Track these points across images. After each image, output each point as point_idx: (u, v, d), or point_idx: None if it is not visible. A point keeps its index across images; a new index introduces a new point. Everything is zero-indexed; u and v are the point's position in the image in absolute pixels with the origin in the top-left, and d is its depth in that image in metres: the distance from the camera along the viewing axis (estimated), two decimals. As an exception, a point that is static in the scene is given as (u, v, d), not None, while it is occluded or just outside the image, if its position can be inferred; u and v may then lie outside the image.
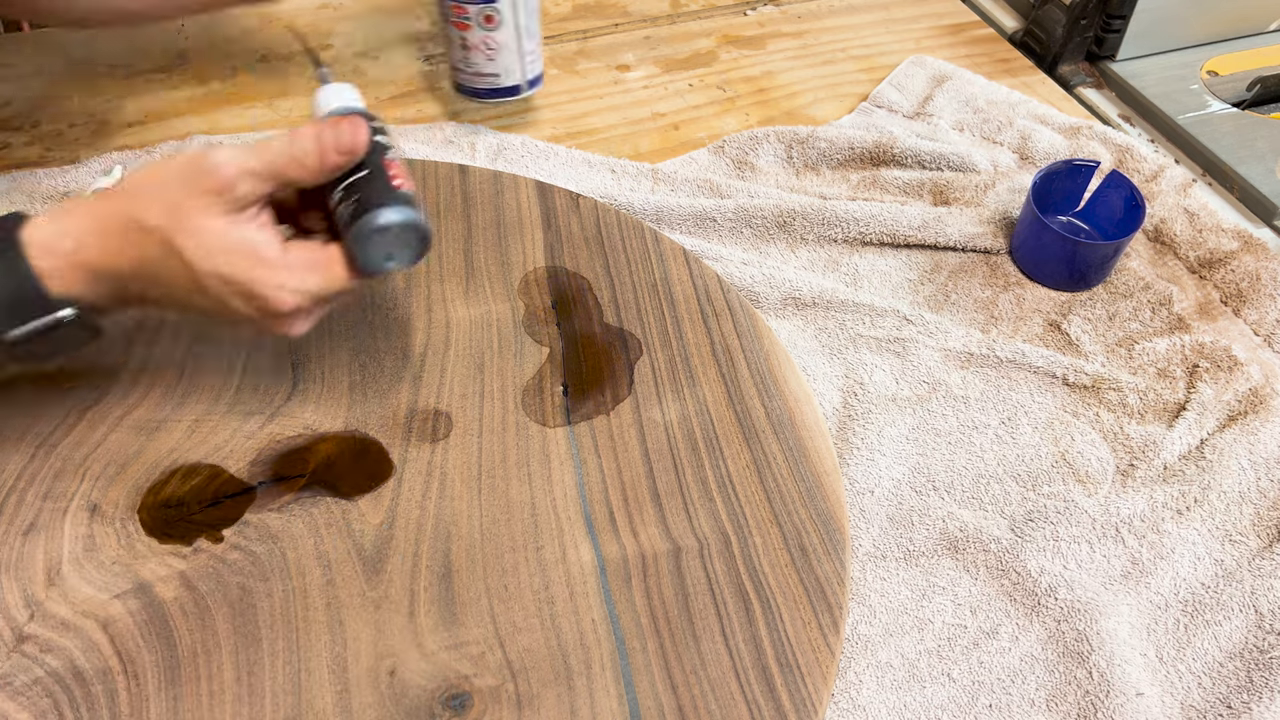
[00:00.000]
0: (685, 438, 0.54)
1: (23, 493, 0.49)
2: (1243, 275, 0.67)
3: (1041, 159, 0.77)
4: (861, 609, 0.50)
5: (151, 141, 0.73)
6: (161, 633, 0.44)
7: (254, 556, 0.47)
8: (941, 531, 0.53)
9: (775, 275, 0.65)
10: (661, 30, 0.91)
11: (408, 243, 0.47)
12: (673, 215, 0.69)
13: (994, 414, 0.59)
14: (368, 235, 0.45)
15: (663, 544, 0.49)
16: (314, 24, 0.88)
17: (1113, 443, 0.58)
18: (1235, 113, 0.83)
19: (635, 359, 0.58)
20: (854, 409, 0.59)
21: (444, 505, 0.50)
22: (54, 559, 0.46)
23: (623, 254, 0.64)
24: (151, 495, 0.49)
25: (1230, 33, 0.92)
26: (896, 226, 0.69)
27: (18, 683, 0.42)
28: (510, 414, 0.54)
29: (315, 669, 0.44)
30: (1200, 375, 0.61)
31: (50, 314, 0.43)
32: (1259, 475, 0.56)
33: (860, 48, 0.91)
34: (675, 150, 0.78)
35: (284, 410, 0.53)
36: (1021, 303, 0.66)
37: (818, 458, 0.53)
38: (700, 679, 0.44)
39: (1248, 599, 0.51)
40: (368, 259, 0.46)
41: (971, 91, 0.83)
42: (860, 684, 0.47)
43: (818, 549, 0.49)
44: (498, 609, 0.46)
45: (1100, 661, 0.48)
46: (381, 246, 0.46)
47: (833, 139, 0.76)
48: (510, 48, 0.73)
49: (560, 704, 0.43)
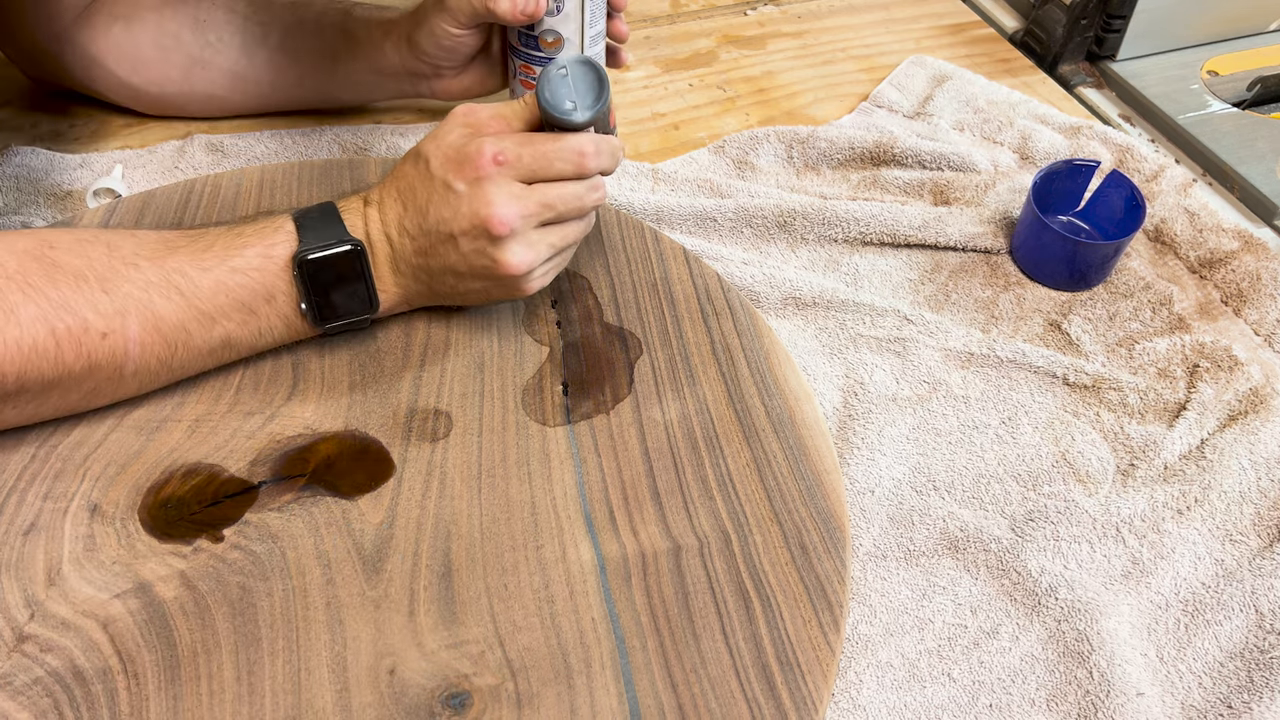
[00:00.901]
0: (685, 436, 0.54)
1: (23, 493, 0.49)
2: (1243, 275, 0.67)
3: (1042, 159, 0.77)
4: (862, 609, 0.50)
5: (151, 141, 0.73)
6: (161, 632, 0.44)
7: (254, 556, 0.47)
8: (942, 531, 0.53)
9: (775, 275, 0.65)
10: (661, 30, 0.91)
11: (588, 86, 0.51)
12: (673, 215, 0.69)
13: (994, 414, 0.59)
14: (547, 77, 0.51)
15: (663, 542, 0.49)
16: (314, 24, 0.87)
17: (1113, 442, 0.58)
18: (1236, 113, 0.83)
19: (635, 358, 0.58)
20: (854, 409, 0.59)
21: (444, 505, 0.50)
22: (54, 559, 0.46)
23: (623, 253, 0.64)
24: (152, 495, 0.49)
25: (1230, 33, 0.92)
26: (897, 226, 0.69)
27: (18, 682, 0.42)
28: (510, 413, 0.54)
29: (315, 668, 0.44)
30: (1201, 375, 0.61)
31: (340, 245, 0.51)
32: (1259, 475, 0.56)
33: (860, 48, 0.91)
34: (675, 150, 0.78)
35: (284, 410, 0.53)
36: (1022, 302, 0.66)
37: (818, 456, 0.53)
38: (700, 677, 0.44)
39: (1248, 599, 0.51)
40: (552, 102, 0.51)
41: (972, 91, 0.83)
42: (860, 684, 0.47)
43: (818, 547, 0.49)
44: (497, 608, 0.46)
45: (1101, 661, 0.48)
46: (563, 88, 0.51)
47: (833, 139, 0.76)
48: None
49: (560, 703, 0.43)
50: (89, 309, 0.46)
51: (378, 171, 0.68)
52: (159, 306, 0.48)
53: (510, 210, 0.50)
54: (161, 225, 0.62)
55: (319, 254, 0.50)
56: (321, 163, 0.68)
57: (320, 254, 0.50)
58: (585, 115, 0.51)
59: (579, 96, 0.51)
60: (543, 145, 0.51)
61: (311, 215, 0.52)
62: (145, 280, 0.48)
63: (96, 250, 0.48)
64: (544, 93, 0.51)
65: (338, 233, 0.51)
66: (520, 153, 0.50)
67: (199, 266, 0.49)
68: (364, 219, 0.53)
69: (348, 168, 0.68)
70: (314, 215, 0.52)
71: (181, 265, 0.49)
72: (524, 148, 0.50)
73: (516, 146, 0.50)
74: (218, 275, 0.49)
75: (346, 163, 0.68)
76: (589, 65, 0.51)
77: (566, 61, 0.51)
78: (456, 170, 0.50)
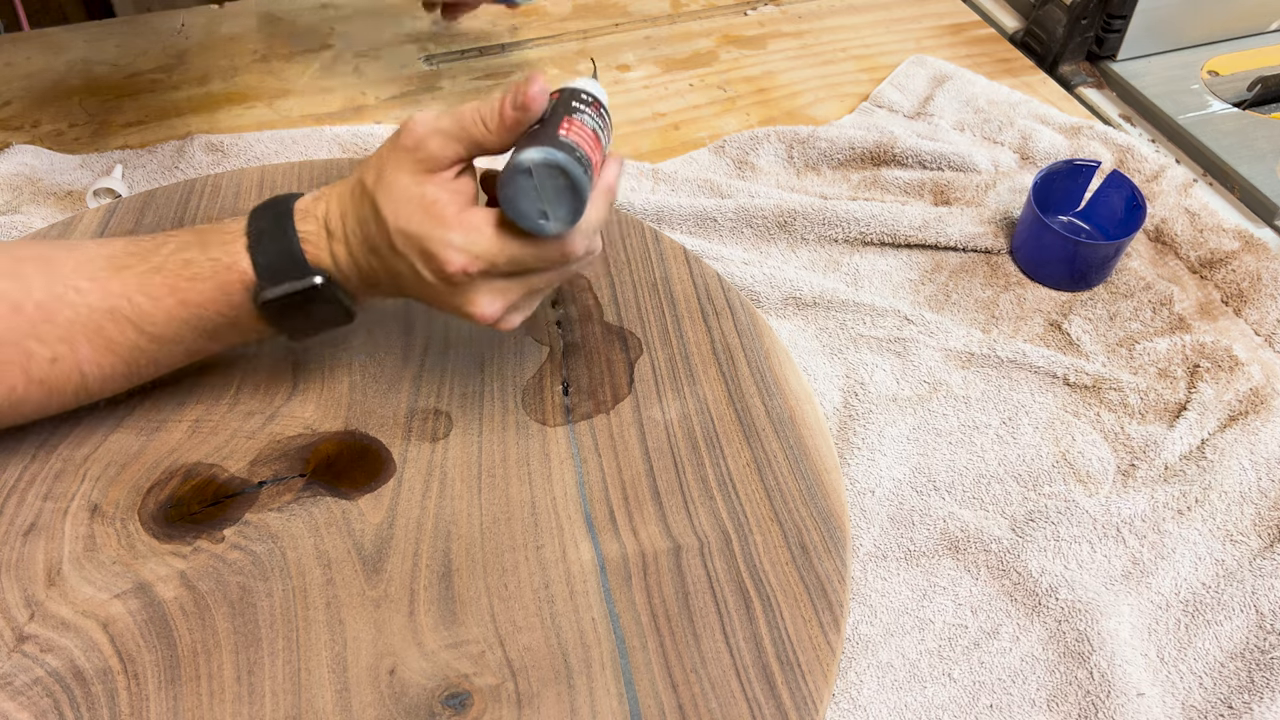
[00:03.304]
0: (685, 436, 0.54)
1: (23, 493, 0.49)
2: (1243, 275, 0.67)
3: (1042, 159, 0.77)
4: (862, 609, 0.50)
5: (151, 141, 0.73)
6: (161, 632, 0.44)
7: (254, 556, 0.47)
8: (942, 531, 0.53)
9: (776, 275, 0.65)
10: (662, 30, 0.91)
11: (558, 193, 0.42)
12: (673, 215, 0.69)
13: (995, 414, 0.59)
14: (509, 178, 0.42)
15: (663, 542, 0.49)
16: (314, 24, 0.88)
17: (1114, 443, 0.58)
18: (1236, 112, 0.83)
19: (635, 358, 0.58)
20: (855, 409, 0.59)
21: (444, 504, 0.50)
22: (54, 559, 0.46)
23: (623, 253, 0.64)
24: (152, 495, 0.49)
25: (1231, 32, 0.92)
26: (897, 226, 0.69)
27: (18, 682, 0.42)
28: (510, 413, 0.54)
29: (315, 668, 0.44)
30: (1201, 375, 0.61)
31: (304, 279, 0.46)
32: (1260, 475, 0.56)
33: (861, 48, 0.91)
34: (676, 150, 0.78)
35: (284, 410, 0.53)
36: (1022, 303, 0.66)
37: (818, 456, 0.53)
38: (700, 677, 0.44)
39: (1249, 599, 0.51)
40: (518, 211, 0.42)
41: (972, 91, 0.83)
42: (861, 684, 0.47)
43: (818, 547, 0.49)
44: (498, 608, 0.46)
45: (1101, 662, 0.48)
46: (528, 195, 0.42)
47: (833, 139, 0.76)
48: None
49: (560, 703, 0.43)
50: (30, 338, 0.44)
51: (378, 171, 0.67)
52: (109, 331, 0.45)
53: (494, 308, 0.45)
54: (161, 225, 0.62)
55: (281, 291, 0.45)
56: (321, 163, 0.68)
57: (282, 291, 0.46)
58: (561, 228, 0.43)
59: (551, 205, 0.43)
60: (519, 251, 0.44)
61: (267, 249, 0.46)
62: (89, 305, 0.45)
63: (31, 270, 0.44)
64: (510, 201, 0.43)
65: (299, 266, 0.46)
66: (495, 261, 0.44)
67: (147, 294, 0.45)
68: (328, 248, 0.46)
69: (348, 168, 0.68)
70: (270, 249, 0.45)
71: (128, 290, 0.45)
72: (498, 255, 0.44)
73: (488, 254, 0.44)
74: (168, 307, 0.46)
75: (347, 163, 0.68)
76: (557, 170, 0.42)
77: (532, 163, 0.41)
78: (423, 260, 0.44)
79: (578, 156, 0.43)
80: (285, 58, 0.84)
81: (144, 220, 0.62)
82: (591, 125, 0.46)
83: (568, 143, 0.43)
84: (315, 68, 0.83)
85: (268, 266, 0.45)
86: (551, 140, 0.43)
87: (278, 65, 0.83)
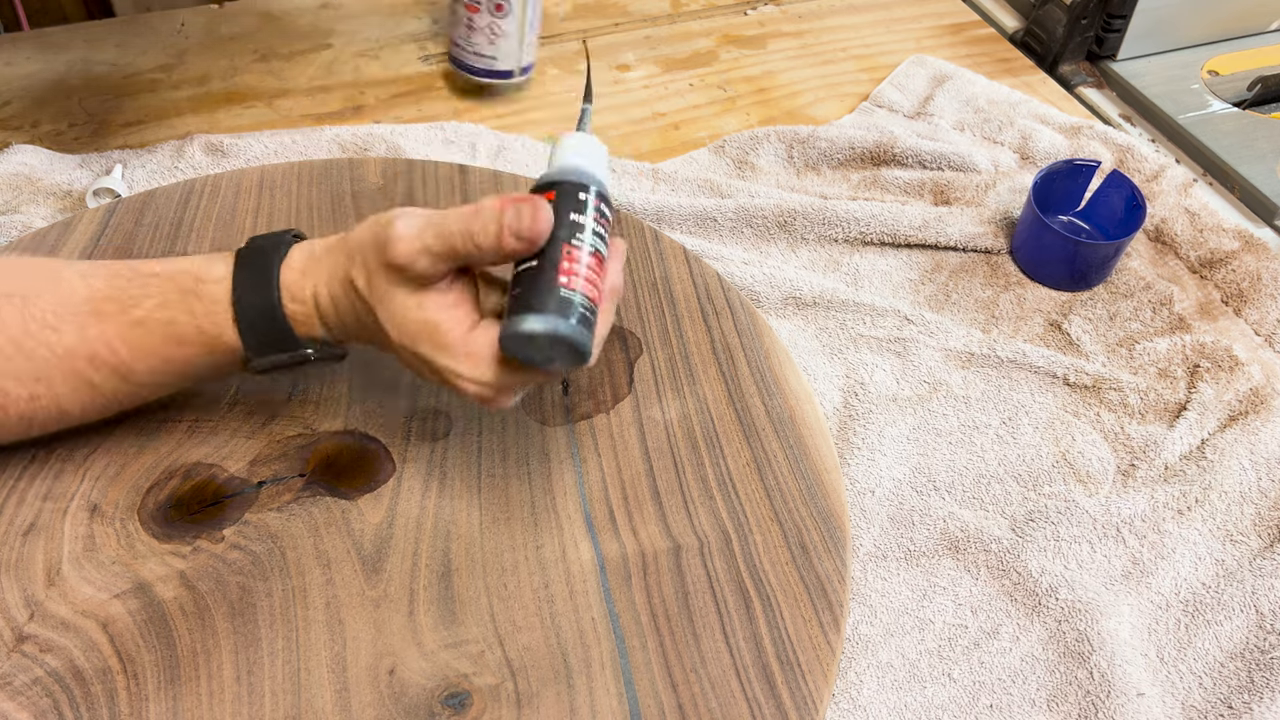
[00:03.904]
0: (685, 436, 0.54)
1: (23, 493, 0.49)
2: (1243, 275, 0.67)
3: (1042, 159, 0.77)
4: (862, 609, 0.50)
5: (151, 141, 0.73)
6: (161, 632, 0.44)
7: (254, 556, 0.47)
8: (942, 531, 0.53)
9: (776, 275, 0.65)
10: (661, 30, 0.91)
11: (564, 352, 0.42)
12: (673, 215, 0.69)
13: (995, 414, 0.59)
14: (511, 338, 0.41)
15: (663, 542, 0.49)
16: (314, 24, 0.88)
17: (1113, 443, 0.58)
18: (1236, 112, 0.83)
19: (635, 358, 0.58)
20: (855, 409, 0.59)
21: (443, 504, 0.50)
22: (54, 559, 0.46)
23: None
24: (151, 495, 0.49)
25: (1231, 32, 0.92)
26: (897, 226, 0.69)
27: (17, 682, 0.42)
28: (510, 413, 0.54)
29: (315, 668, 0.44)
30: (1201, 375, 0.61)
31: (295, 351, 0.46)
32: (1260, 475, 0.56)
33: (861, 47, 0.91)
34: (675, 150, 0.78)
35: (284, 410, 0.53)
36: (1022, 302, 0.66)
37: (818, 455, 0.53)
38: (700, 677, 0.44)
39: (1249, 599, 0.51)
40: (524, 358, 0.42)
41: (972, 91, 0.83)
42: (861, 684, 0.47)
43: (818, 546, 0.49)
44: (497, 608, 0.46)
45: (1101, 662, 0.48)
46: (531, 351, 0.42)
47: (833, 139, 0.76)
48: (513, 36, 0.75)
49: (560, 702, 0.43)
50: (6, 378, 0.43)
51: (377, 172, 0.67)
52: (87, 374, 0.44)
53: (497, 405, 0.45)
54: (161, 225, 0.62)
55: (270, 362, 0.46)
56: (321, 163, 0.68)
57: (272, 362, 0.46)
58: (568, 368, 0.44)
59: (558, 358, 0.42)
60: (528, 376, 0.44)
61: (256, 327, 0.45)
62: (66, 348, 0.44)
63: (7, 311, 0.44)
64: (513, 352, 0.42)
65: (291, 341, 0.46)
66: (504, 385, 0.43)
67: (129, 346, 0.45)
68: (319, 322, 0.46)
69: (348, 168, 0.68)
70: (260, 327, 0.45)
71: (108, 339, 0.44)
72: (507, 380, 0.43)
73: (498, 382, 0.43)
74: (151, 364, 0.45)
75: (346, 163, 0.68)
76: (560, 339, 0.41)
77: (533, 333, 0.40)
78: (431, 373, 0.44)
79: (582, 314, 0.41)
80: (285, 58, 0.84)
81: (144, 220, 0.62)
82: (592, 246, 0.42)
83: (569, 297, 0.41)
84: (315, 68, 0.83)
85: (258, 344, 0.45)
86: (551, 297, 0.41)
87: (277, 65, 0.83)
